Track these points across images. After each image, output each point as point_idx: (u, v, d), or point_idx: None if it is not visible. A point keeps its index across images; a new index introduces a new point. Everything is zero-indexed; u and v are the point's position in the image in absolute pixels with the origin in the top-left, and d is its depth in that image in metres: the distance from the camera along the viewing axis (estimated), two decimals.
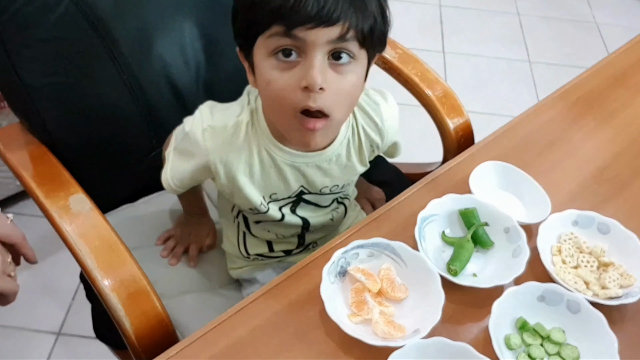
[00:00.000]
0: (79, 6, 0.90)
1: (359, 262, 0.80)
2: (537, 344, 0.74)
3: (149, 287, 0.82)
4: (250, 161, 0.82)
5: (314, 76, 0.67)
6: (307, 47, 0.67)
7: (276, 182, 0.84)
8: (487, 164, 0.94)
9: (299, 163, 0.83)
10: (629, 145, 1.04)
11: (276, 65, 0.69)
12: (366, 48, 0.71)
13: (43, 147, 0.96)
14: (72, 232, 0.84)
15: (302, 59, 0.68)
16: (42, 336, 1.49)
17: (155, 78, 1.03)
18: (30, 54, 0.89)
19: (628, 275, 0.81)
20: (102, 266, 0.81)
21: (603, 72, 1.19)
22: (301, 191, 0.87)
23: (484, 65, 2.49)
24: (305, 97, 0.69)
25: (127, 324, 0.79)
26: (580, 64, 2.48)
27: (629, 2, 2.95)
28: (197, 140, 0.81)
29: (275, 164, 0.83)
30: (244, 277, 1.01)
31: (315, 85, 0.67)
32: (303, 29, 0.65)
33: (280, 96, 0.70)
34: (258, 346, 0.72)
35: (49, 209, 0.87)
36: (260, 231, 0.96)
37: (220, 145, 0.80)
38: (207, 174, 0.85)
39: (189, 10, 1.03)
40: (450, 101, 1.11)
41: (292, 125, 0.73)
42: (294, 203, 0.89)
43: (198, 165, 0.83)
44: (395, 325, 0.74)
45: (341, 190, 0.91)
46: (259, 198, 0.85)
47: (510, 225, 0.84)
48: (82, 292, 1.12)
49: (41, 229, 1.68)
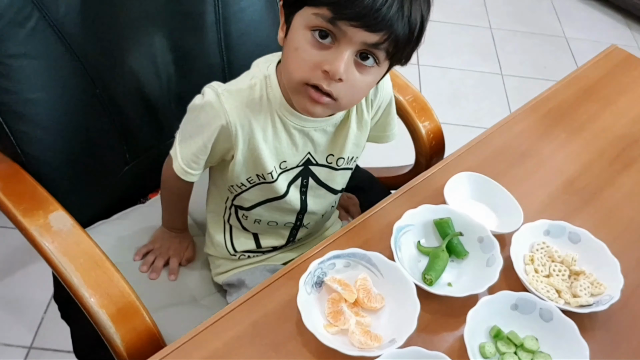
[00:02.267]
0: (48, 21, 0.89)
1: (335, 273, 0.80)
2: (511, 352, 0.75)
3: (138, 302, 0.80)
4: (264, 125, 0.83)
5: (337, 67, 0.71)
6: (343, 39, 0.71)
7: (286, 147, 0.86)
8: (461, 175, 0.95)
9: (308, 127, 0.85)
10: (598, 156, 1.07)
11: (310, 39, 0.72)
12: (392, 59, 0.75)
13: (15, 164, 0.93)
14: (55, 251, 0.82)
15: (334, 46, 0.71)
16: (12, 350, 1.45)
17: (126, 91, 1.02)
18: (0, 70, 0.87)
19: (598, 284, 0.83)
20: (89, 283, 0.79)
21: (573, 85, 1.22)
22: (308, 159, 0.89)
23: (457, 78, 2.52)
24: (322, 78, 0.73)
25: (117, 340, 0.77)
26: (550, 77, 2.53)
27: (597, 17, 3.03)
28: (213, 105, 0.80)
29: (286, 128, 0.84)
30: (230, 281, 1.00)
31: (336, 75, 0.71)
32: (347, 24, 0.68)
33: (302, 66, 0.74)
34: (234, 358, 0.72)
35: (29, 228, 0.84)
36: (252, 222, 0.95)
37: (237, 106, 0.81)
38: (224, 141, 0.83)
39: (160, 23, 1.02)
40: (420, 105, 1.14)
41: (299, 90, 0.76)
42: (303, 176, 0.91)
43: (216, 130, 0.81)
44: (372, 335, 0.74)
45: (347, 166, 0.93)
46: (272, 164, 0.86)
47: (484, 235, 0.86)
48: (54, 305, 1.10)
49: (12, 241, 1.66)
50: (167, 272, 1.04)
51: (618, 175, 1.04)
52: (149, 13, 1.01)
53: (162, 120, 1.08)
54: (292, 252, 1.03)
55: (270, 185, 0.89)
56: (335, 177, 0.94)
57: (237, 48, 1.10)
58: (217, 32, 1.07)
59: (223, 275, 1.01)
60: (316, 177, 0.92)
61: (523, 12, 2.98)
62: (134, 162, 1.09)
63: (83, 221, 0.88)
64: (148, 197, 1.21)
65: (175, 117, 1.10)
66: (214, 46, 1.08)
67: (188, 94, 1.04)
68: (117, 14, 0.97)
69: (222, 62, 1.10)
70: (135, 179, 1.12)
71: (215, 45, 1.08)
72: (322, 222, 1.04)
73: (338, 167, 0.92)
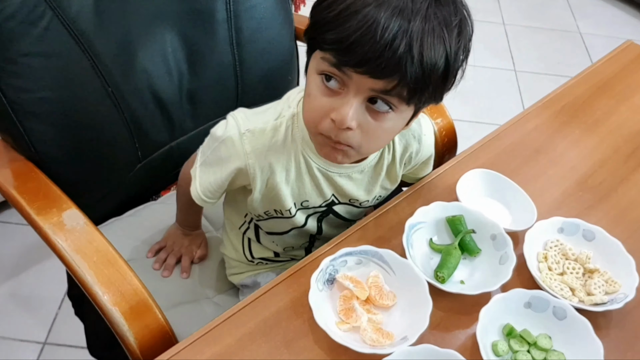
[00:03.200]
0: (61, 20, 0.89)
1: (347, 270, 0.80)
2: (524, 351, 0.74)
3: (151, 299, 0.81)
4: (287, 166, 0.81)
5: (343, 115, 0.66)
6: (351, 85, 0.66)
7: (309, 189, 0.84)
8: (474, 172, 0.95)
9: (332, 172, 0.82)
10: (613, 153, 1.06)
11: (319, 84, 0.69)
12: (415, 101, 0.69)
13: (29, 163, 0.94)
14: (68, 248, 0.82)
15: (343, 92, 0.67)
16: (27, 346, 1.47)
17: (139, 89, 1.02)
18: (14, 69, 0.87)
19: (613, 282, 0.82)
20: (102, 281, 0.80)
21: (587, 81, 1.20)
22: (332, 201, 0.87)
23: (470, 74, 2.49)
24: (332, 128, 0.69)
25: (130, 337, 0.77)
26: (564, 73, 2.51)
27: (612, 12, 3.00)
28: (234, 145, 0.78)
29: (310, 170, 0.82)
30: (245, 283, 1.01)
31: (343, 125, 0.67)
32: (352, 70, 0.64)
33: (313, 114, 0.70)
34: (246, 354, 0.72)
35: (42, 226, 0.85)
36: (269, 242, 0.96)
37: (259, 149, 0.79)
38: (242, 179, 0.83)
39: (171, 21, 1.03)
40: None
41: (317, 139, 0.74)
42: (323, 214, 0.90)
43: (234, 170, 0.81)
44: (384, 333, 0.74)
45: (372, 204, 0.91)
46: (291, 203, 0.85)
47: (497, 233, 0.85)
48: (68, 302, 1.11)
49: (27, 238, 1.68)
50: (180, 270, 1.05)
51: (633, 172, 1.02)
52: (161, 11, 1.01)
53: (174, 118, 1.09)
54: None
55: (289, 219, 0.88)
56: (357, 214, 0.93)
57: (248, 45, 1.10)
58: (228, 29, 1.07)
59: (238, 276, 1.02)
60: (337, 214, 0.91)
61: (536, 8, 2.95)
62: (146, 159, 1.10)
63: (95, 218, 0.89)
64: (160, 194, 1.22)
65: (186, 115, 1.11)
66: (225, 43, 1.08)
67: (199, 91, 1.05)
68: (129, 12, 0.97)
69: (234, 59, 1.10)
70: (147, 177, 1.13)
71: (227, 42, 1.08)
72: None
73: (361, 206, 0.91)
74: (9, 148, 0.96)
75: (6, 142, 0.97)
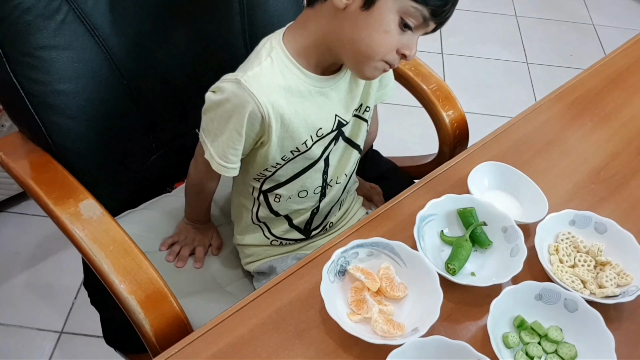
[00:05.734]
0: (77, 13, 0.90)
1: (358, 262, 0.81)
2: (534, 343, 0.75)
3: (166, 288, 0.82)
4: (289, 98, 0.84)
5: (414, 52, 0.82)
6: (422, 29, 0.80)
7: (316, 113, 0.87)
8: (485, 164, 0.95)
9: (326, 87, 0.88)
10: (625, 145, 1.05)
11: (399, 24, 0.79)
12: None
13: (46, 154, 0.96)
14: (86, 238, 0.84)
15: (413, 32, 0.80)
16: (44, 335, 1.50)
17: (153, 82, 1.03)
18: (30, 62, 0.89)
19: (625, 275, 0.82)
20: (118, 270, 0.81)
21: (600, 73, 1.20)
22: (339, 122, 0.91)
23: (482, 66, 2.50)
24: (397, 59, 0.83)
25: (146, 326, 0.79)
26: (577, 65, 2.49)
27: (625, 4, 2.97)
28: (237, 95, 0.81)
29: (310, 94, 0.86)
30: (261, 269, 1.02)
31: (411, 59, 0.83)
32: (434, 22, 0.80)
33: (388, 48, 0.81)
34: (258, 345, 0.73)
35: (60, 216, 0.86)
36: (285, 200, 0.97)
37: (263, 87, 0.81)
38: (255, 126, 0.83)
39: (185, 13, 1.03)
40: (444, 94, 1.13)
41: (376, 64, 0.83)
42: (335, 139, 0.93)
43: (245, 118, 0.82)
44: (395, 324, 0.75)
45: (365, 113, 0.96)
46: (306, 135, 0.88)
47: (508, 225, 0.85)
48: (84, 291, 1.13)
49: (44, 229, 1.70)
50: (193, 261, 1.06)
51: None
52: (175, 3, 1.02)
53: (188, 111, 1.10)
54: (322, 241, 1.05)
55: (305, 155, 0.90)
56: (355, 130, 0.96)
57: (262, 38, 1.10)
58: (241, 22, 1.07)
59: (255, 263, 1.03)
60: (345, 137, 0.95)
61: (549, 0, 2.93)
62: (161, 151, 1.11)
63: (111, 209, 0.90)
64: (174, 186, 1.23)
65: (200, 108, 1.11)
66: (238, 36, 1.08)
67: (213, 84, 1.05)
68: (144, 5, 0.98)
69: (247, 52, 1.10)
70: (161, 168, 1.14)
71: (240, 35, 1.08)
72: (345, 193, 1.04)
73: (358, 114, 0.95)
74: (26, 140, 0.98)
75: (23, 134, 0.98)
